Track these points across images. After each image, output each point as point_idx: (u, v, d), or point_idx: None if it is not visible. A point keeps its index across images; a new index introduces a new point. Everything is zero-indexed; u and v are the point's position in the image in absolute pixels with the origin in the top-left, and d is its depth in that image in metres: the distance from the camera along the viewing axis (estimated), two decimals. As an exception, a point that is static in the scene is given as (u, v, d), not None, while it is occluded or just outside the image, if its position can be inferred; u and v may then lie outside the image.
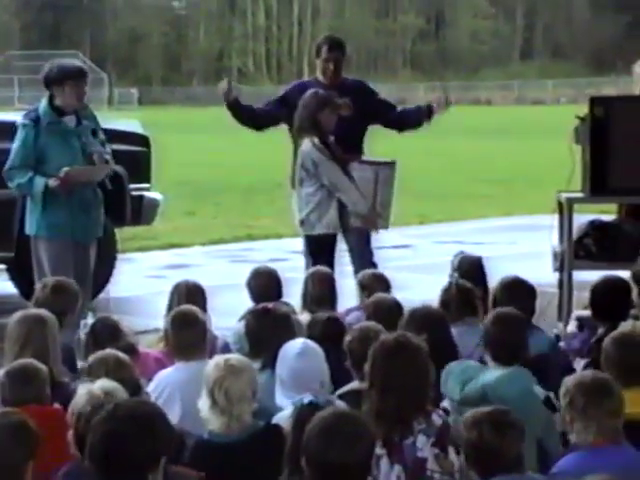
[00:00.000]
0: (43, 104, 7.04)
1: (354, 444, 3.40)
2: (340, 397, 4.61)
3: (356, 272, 7.23)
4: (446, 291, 5.77)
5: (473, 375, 4.59)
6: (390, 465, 3.99)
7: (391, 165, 7.69)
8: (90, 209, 7.08)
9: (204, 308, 5.70)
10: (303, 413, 3.71)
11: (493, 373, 4.59)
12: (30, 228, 7.08)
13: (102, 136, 7.31)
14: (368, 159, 7.74)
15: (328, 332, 5.24)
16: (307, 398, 3.87)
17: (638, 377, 4.39)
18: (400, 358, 4.07)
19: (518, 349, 4.70)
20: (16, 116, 8.11)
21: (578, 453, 3.92)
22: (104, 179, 7.25)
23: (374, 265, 7.59)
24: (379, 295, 5.85)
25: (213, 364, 4.26)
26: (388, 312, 5.44)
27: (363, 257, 7.69)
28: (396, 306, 5.62)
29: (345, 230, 7.64)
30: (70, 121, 7.02)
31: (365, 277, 6.50)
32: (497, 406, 3.88)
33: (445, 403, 4.54)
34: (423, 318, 4.96)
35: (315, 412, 3.61)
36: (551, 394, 4.65)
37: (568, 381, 4.07)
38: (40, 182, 6.87)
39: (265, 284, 6.29)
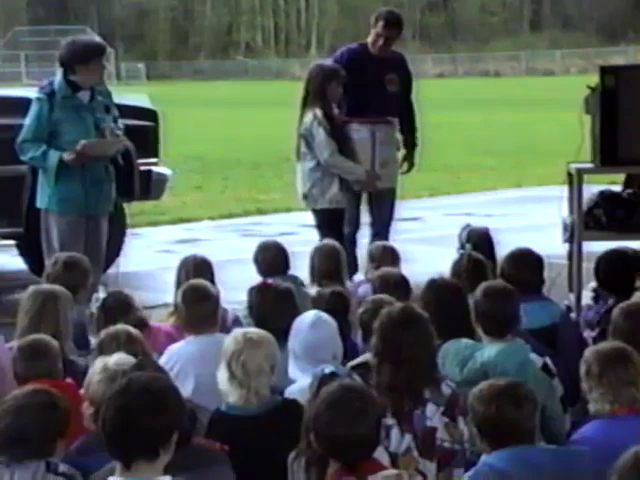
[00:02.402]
0: (58, 79, 7.01)
1: (361, 417, 3.42)
2: (352, 369, 4.62)
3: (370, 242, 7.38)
4: (458, 263, 5.76)
5: (469, 354, 4.58)
6: (401, 434, 4.02)
7: (388, 123, 7.70)
8: (102, 184, 7.07)
9: (212, 282, 5.70)
10: (325, 384, 3.71)
11: (490, 350, 4.56)
12: (41, 202, 7.07)
13: (116, 112, 7.30)
14: (367, 118, 7.71)
15: (332, 307, 5.23)
16: (328, 369, 3.88)
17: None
18: (408, 329, 4.08)
19: (509, 322, 4.68)
20: (26, 92, 8.10)
21: (597, 421, 3.93)
22: (116, 155, 7.25)
23: (386, 237, 7.69)
24: (385, 269, 5.86)
25: (232, 337, 4.28)
26: (394, 286, 5.43)
27: (382, 231, 7.83)
28: (402, 280, 5.62)
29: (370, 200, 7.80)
30: (84, 96, 7.00)
31: (375, 249, 6.51)
32: (510, 379, 3.88)
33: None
34: (441, 289, 4.95)
35: None
36: (547, 360, 4.66)
37: (587, 351, 4.08)
38: (54, 155, 6.86)
39: (272, 258, 6.30)
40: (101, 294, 5.49)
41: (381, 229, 7.94)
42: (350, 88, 7.70)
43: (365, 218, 8.11)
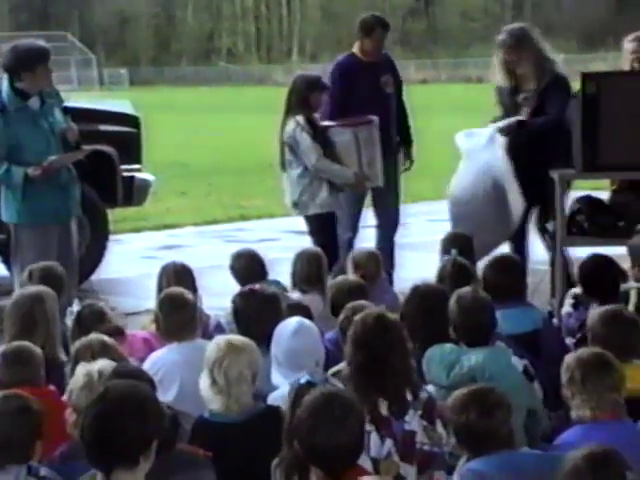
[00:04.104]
0: (5, 90, 6.78)
1: (343, 424, 3.41)
2: (333, 376, 4.63)
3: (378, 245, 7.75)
4: (443, 268, 5.77)
5: (454, 358, 4.58)
6: (381, 440, 4.03)
7: (369, 123, 7.73)
8: (68, 188, 6.92)
9: (193, 288, 5.71)
10: (300, 393, 3.71)
11: (477, 355, 4.57)
12: (10, 217, 6.89)
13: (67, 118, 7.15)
14: (347, 120, 7.74)
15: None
16: (304, 378, 3.88)
17: (625, 353, 4.39)
18: (383, 335, 4.08)
19: (486, 332, 4.69)
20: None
21: (580, 426, 3.94)
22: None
23: (392, 243, 8.01)
24: (341, 277, 5.93)
25: (214, 344, 4.27)
26: (348, 295, 5.42)
27: (389, 233, 8.05)
28: (357, 287, 5.62)
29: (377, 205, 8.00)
30: (34, 103, 6.80)
31: (358, 255, 6.51)
32: (481, 386, 3.89)
33: (430, 388, 4.50)
34: (425, 295, 4.96)
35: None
36: (527, 362, 4.68)
37: (568, 357, 4.08)
38: (18, 172, 6.68)
39: (248, 265, 6.31)
40: (75, 307, 5.49)
41: (389, 232, 8.12)
42: (349, 99, 7.84)
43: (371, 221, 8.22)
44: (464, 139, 7.48)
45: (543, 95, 7.38)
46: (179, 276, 5.89)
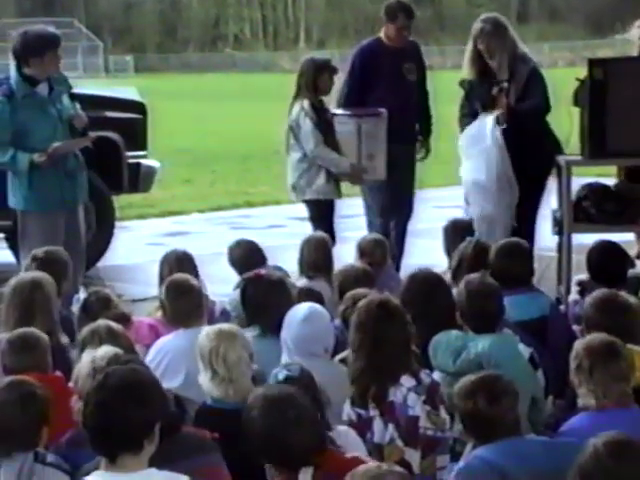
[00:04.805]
0: (14, 75, 6.75)
1: (298, 427, 3.43)
2: (340, 362, 4.64)
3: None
4: (463, 249, 5.75)
5: (461, 345, 4.58)
6: (384, 425, 4.04)
7: (377, 116, 7.69)
8: (75, 175, 6.89)
9: (195, 276, 5.69)
10: None
11: (483, 341, 4.57)
12: (17, 203, 6.88)
13: (76, 104, 7.12)
14: (356, 110, 7.71)
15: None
16: (282, 374, 3.88)
17: (619, 338, 4.36)
18: (387, 321, 4.11)
19: (495, 319, 4.69)
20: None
21: (586, 413, 3.94)
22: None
23: (404, 231, 8.06)
24: (347, 265, 5.92)
25: (204, 336, 4.26)
26: (354, 282, 5.42)
27: (401, 220, 8.07)
28: (364, 274, 5.62)
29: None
30: (43, 89, 6.77)
31: (364, 242, 6.51)
32: (488, 373, 3.89)
33: (435, 375, 4.50)
34: (423, 282, 4.95)
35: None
36: (532, 350, 4.67)
37: (578, 344, 4.06)
38: (24, 158, 6.66)
39: (246, 254, 6.30)
40: (82, 294, 5.49)
41: (401, 219, 8.09)
42: (369, 84, 7.79)
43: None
44: (469, 141, 7.45)
45: (526, 86, 7.38)
46: (181, 263, 5.88)
